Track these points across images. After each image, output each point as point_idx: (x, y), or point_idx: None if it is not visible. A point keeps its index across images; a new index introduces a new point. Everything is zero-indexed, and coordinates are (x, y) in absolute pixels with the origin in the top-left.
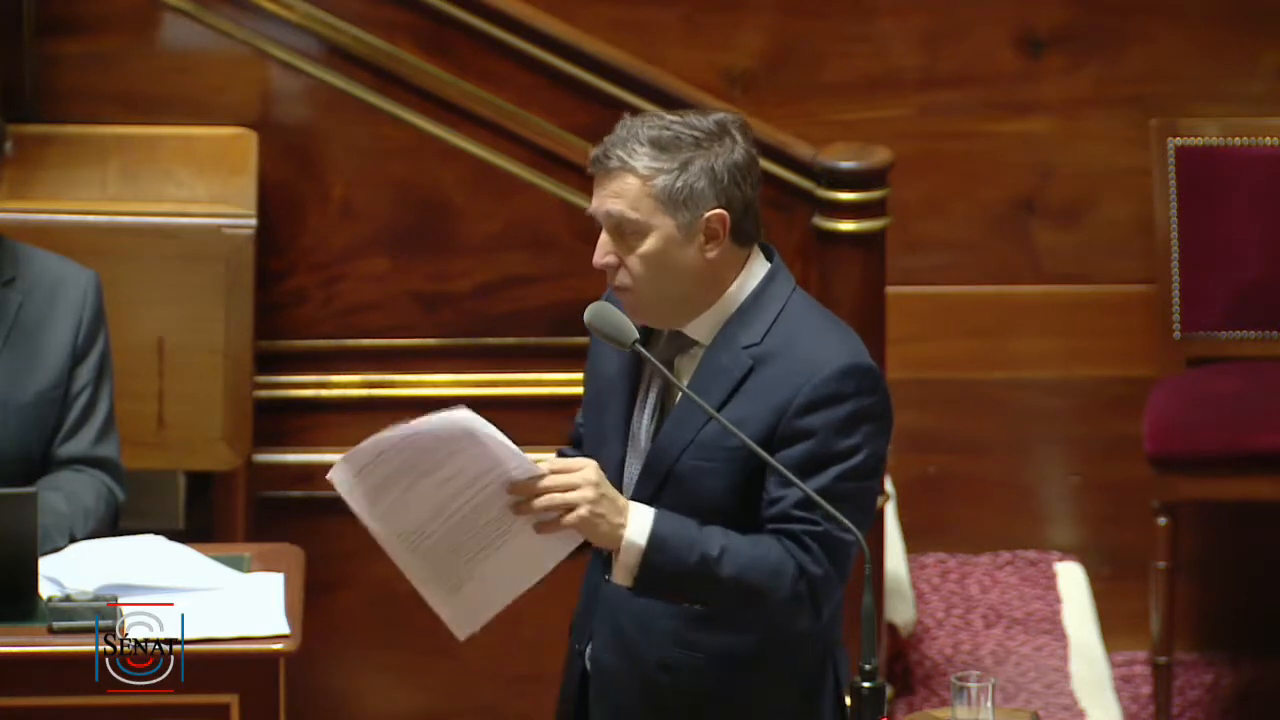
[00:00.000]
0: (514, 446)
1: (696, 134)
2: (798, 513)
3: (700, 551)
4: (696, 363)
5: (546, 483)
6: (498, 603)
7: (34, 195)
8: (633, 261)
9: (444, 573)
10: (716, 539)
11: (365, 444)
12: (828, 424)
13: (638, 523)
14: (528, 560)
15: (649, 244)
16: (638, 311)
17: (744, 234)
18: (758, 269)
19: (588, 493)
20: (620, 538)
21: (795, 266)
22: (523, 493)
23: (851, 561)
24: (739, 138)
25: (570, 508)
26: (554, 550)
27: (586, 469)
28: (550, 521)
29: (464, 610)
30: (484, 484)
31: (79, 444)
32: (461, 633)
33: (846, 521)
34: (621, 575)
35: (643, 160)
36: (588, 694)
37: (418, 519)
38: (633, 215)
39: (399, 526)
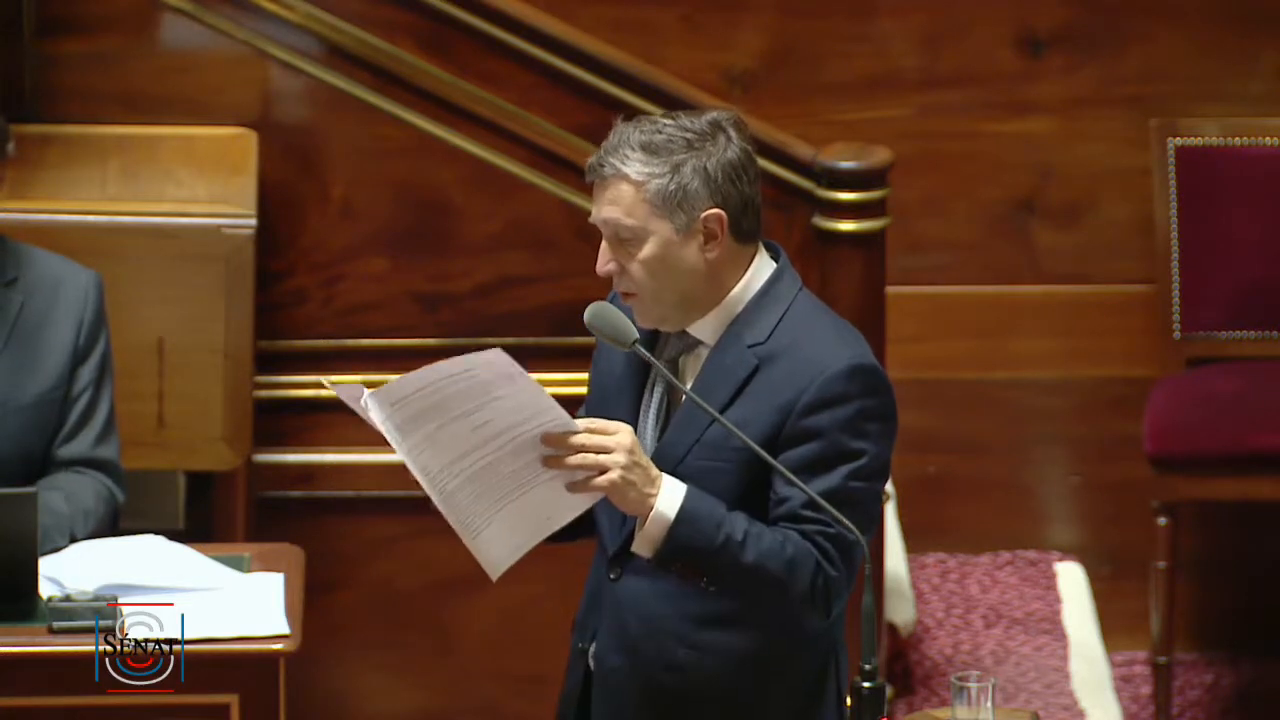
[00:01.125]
0: (551, 399)
1: (688, 135)
2: (808, 513)
3: (726, 533)
4: (702, 362)
5: (581, 440)
6: (519, 549)
7: (34, 195)
8: (634, 267)
9: (465, 517)
10: (742, 523)
11: (406, 377)
12: (834, 423)
13: (669, 495)
14: (547, 510)
15: (648, 249)
16: (644, 315)
17: (744, 232)
18: (763, 269)
19: (620, 458)
20: (650, 507)
21: (795, 266)
22: (556, 446)
23: (858, 563)
24: (733, 135)
25: (602, 470)
26: (573, 502)
27: (622, 434)
28: (580, 481)
29: (487, 554)
30: (513, 435)
31: (79, 445)
32: (492, 574)
33: (848, 524)
34: (643, 546)
35: (635, 166)
36: (590, 693)
37: (441, 462)
38: (629, 222)
39: (424, 465)
